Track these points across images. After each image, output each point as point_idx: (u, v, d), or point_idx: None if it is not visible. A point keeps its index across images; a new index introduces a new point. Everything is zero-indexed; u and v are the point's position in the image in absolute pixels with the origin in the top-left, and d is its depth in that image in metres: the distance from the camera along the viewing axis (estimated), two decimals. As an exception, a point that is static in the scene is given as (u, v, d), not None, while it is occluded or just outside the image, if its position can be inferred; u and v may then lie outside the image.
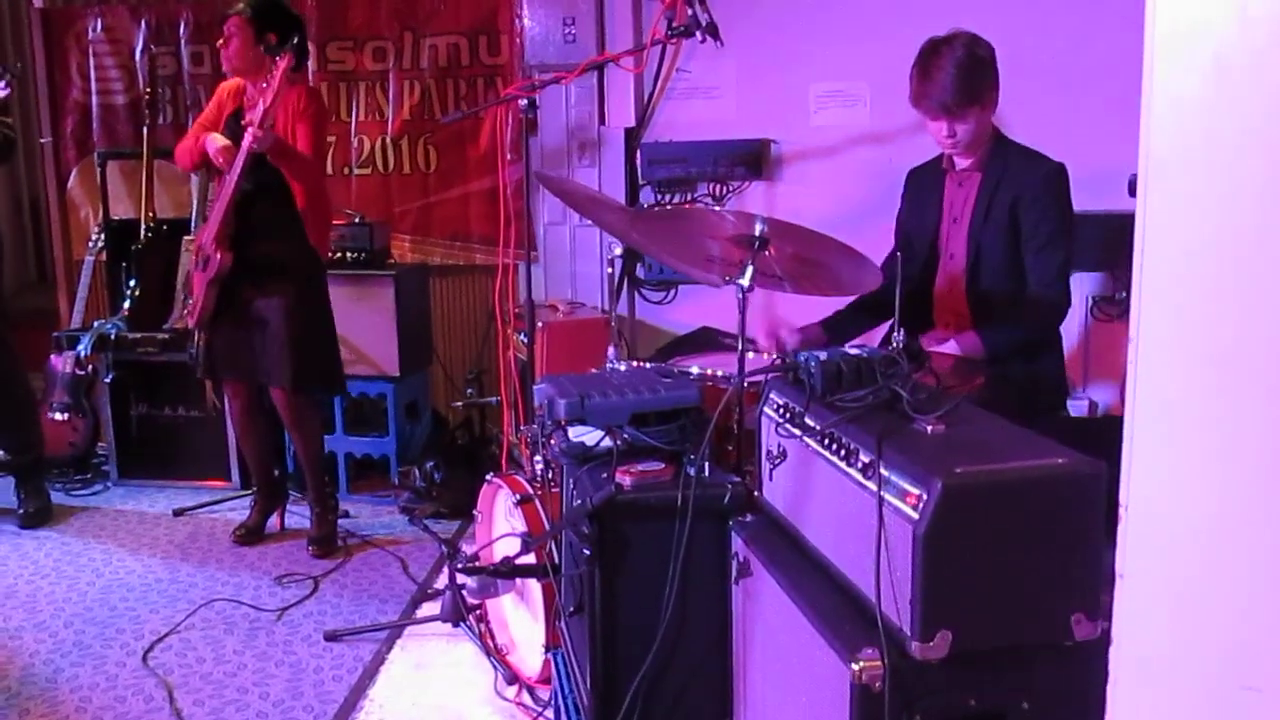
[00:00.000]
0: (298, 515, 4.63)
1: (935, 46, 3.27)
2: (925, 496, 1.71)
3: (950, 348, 3.31)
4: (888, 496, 1.81)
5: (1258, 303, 1.33)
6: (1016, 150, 3.37)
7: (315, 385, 4.37)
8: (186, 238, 4.44)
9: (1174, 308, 1.44)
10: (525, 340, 4.13)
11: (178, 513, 4.84)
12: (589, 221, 4.08)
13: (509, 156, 5.02)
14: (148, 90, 5.49)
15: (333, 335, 4.40)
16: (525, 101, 3.81)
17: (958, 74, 3.20)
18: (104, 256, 5.48)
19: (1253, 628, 1.33)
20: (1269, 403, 1.31)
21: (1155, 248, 1.44)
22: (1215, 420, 1.39)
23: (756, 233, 2.67)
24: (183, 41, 5.55)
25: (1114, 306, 4.57)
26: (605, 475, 2.50)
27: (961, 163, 3.42)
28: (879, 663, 1.77)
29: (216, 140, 4.08)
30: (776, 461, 2.30)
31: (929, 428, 1.93)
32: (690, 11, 3.66)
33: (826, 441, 2.05)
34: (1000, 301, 3.36)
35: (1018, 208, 3.29)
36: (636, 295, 5.19)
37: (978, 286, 3.38)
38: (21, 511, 4.74)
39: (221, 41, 4.13)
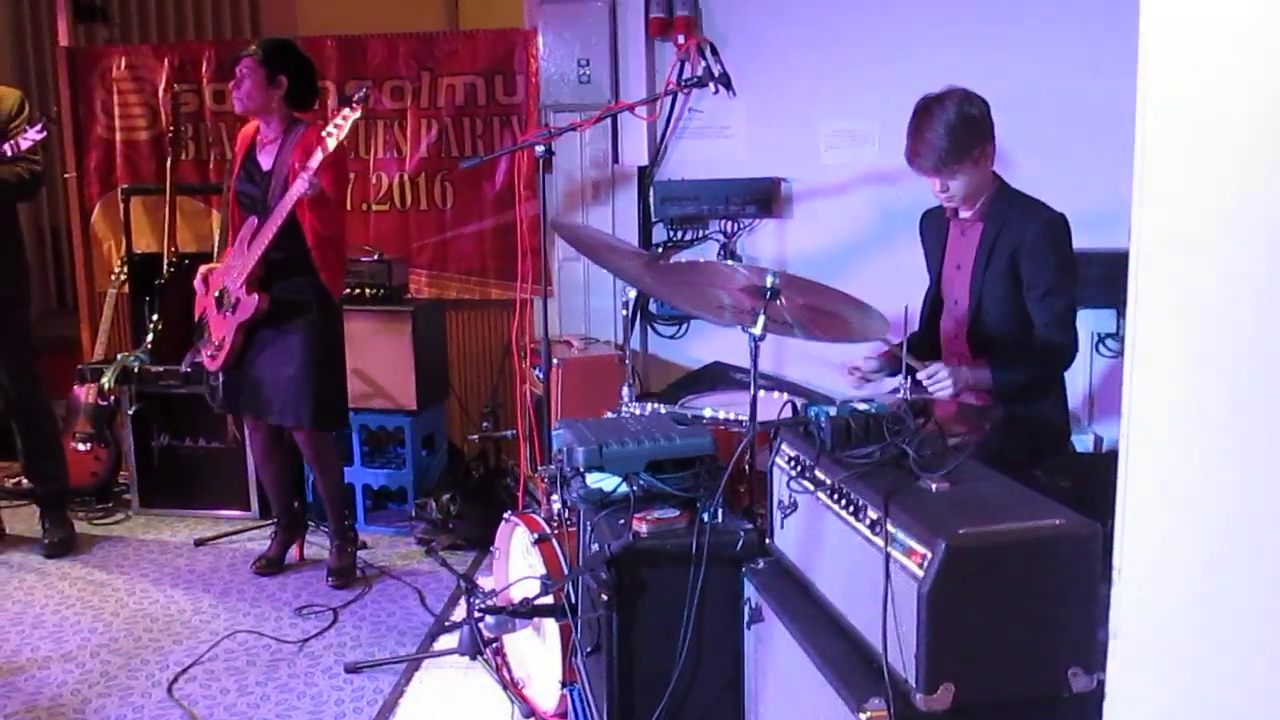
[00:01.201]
0: (317, 545, 4.73)
1: (927, 106, 3.35)
2: (930, 555, 1.80)
3: (964, 373, 3.36)
4: (894, 553, 1.90)
5: (1249, 373, 1.41)
6: (1018, 199, 3.45)
7: (332, 424, 4.45)
8: (203, 267, 4.51)
9: (1165, 374, 1.52)
10: (541, 376, 4.23)
11: (199, 542, 4.94)
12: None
13: (524, 194, 5.14)
14: (170, 127, 5.61)
15: (344, 373, 4.47)
16: (541, 148, 3.91)
17: (947, 134, 3.27)
18: (126, 289, 5.59)
19: (1242, 686, 1.41)
20: (1260, 469, 1.38)
21: (1146, 333, 1.52)
22: (1207, 484, 1.46)
23: (768, 285, 2.77)
24: (205, 80, 5.66)
25: (1119, 343, 4.65)
26: (622, 522, 2.60)
27: (964, 212, 3.50)
28: (885, 712, 1.85)
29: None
30: (787, 511, 2.39)
31: (934, 485, 2.02)
32: (703, 62, 3.76)
33: (836, 496, 2.14)
34: (1004, 347, 3.44)
35: (1018, 257, 3.37)
36: (649, 330, 5.28)
37: (979, 332, 3.47)
38: (46, 541, 4.84)
39: (233, 83, 4.21)
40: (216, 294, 4.34)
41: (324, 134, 3.92)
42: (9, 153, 4.29)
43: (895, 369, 3.64)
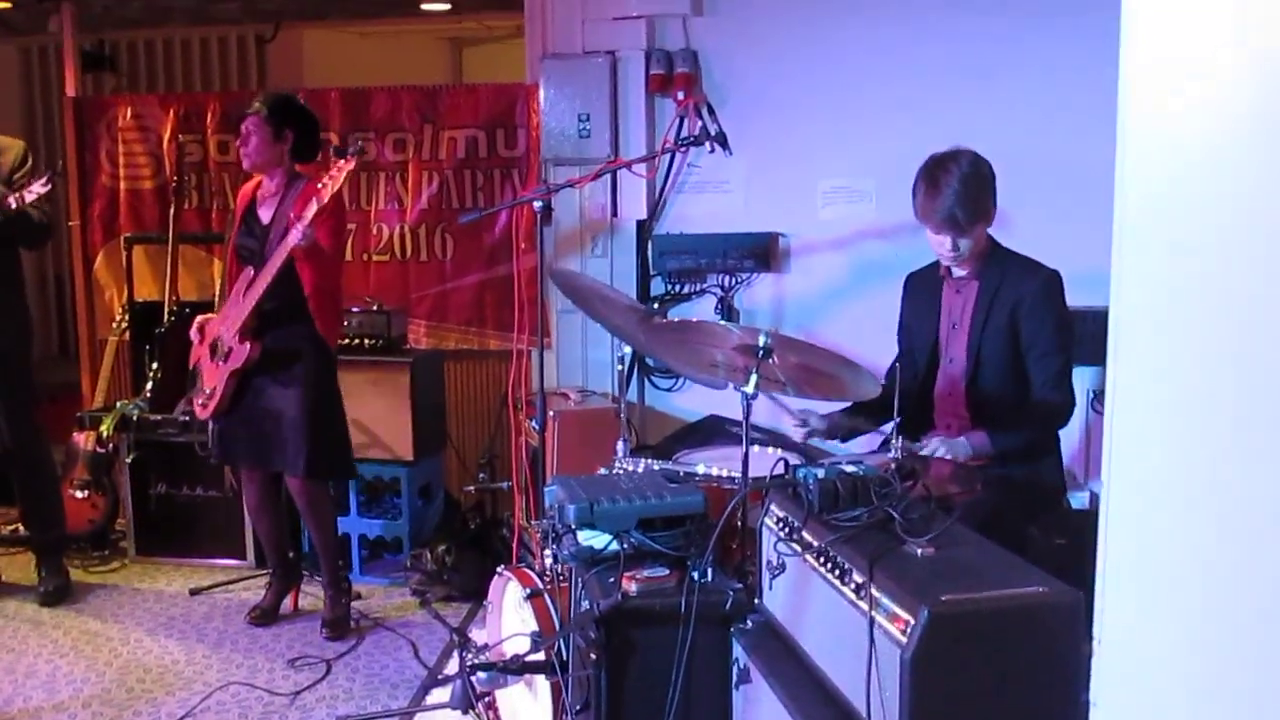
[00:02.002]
0: (312, 595, 4.72)
1: (941, 161, 3.37)
2: (913, 622, 1.81)
3: (960, 444, 3.38)
4: (878, 618, 1.91)
5: (1228, 442, 1.42)
6: (1011, 257, 3.48)
7: (329, 473, 4.47)
8: (199, 317, 4.54)
9: (1144, 443, 1.54)
10: (537, 428, 4.24)
11: (194, 592, 4.93)
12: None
13: (523, 246, 5.18)
14: (174, 177, 5.67)
15: (343, 422, 4.49)
16: (540, 203, 3.95)
17: (964, 190, 3.30)
18: (128, 337, 5.62)
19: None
20: (1238, 539, 1.39)
21: (1124, 398, 1.53)
22: (1187, 554, 1.48)
23: (761, 344, 2.79)
24: (209, 130, 5.72)
25: (1114, 401, 4.66)
26: (612, 580, 2.60)
27: (959, 271, 3.52)
28: (869, 778, 1.86)
29: None
30: (776, 572, 2.40)
31: (919, 550, 2.03)
32: (700, 121, 3.81)
33: (822, 559, 2.15)
34: (1002, 404, 3.45)
35: (1017, 315, 3.40)
36: (646, 382, 5.30)
37: (979, 390, 3.48)
38: (42, 589, 4.83)
39: (240, 141, 4.26)
40: (211, 343, 4.37)
41: (319, 185, 3.96)
42: (14, 205, 4.33)
43: (844, 435, 3.68)
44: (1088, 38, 4.59)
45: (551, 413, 4.46)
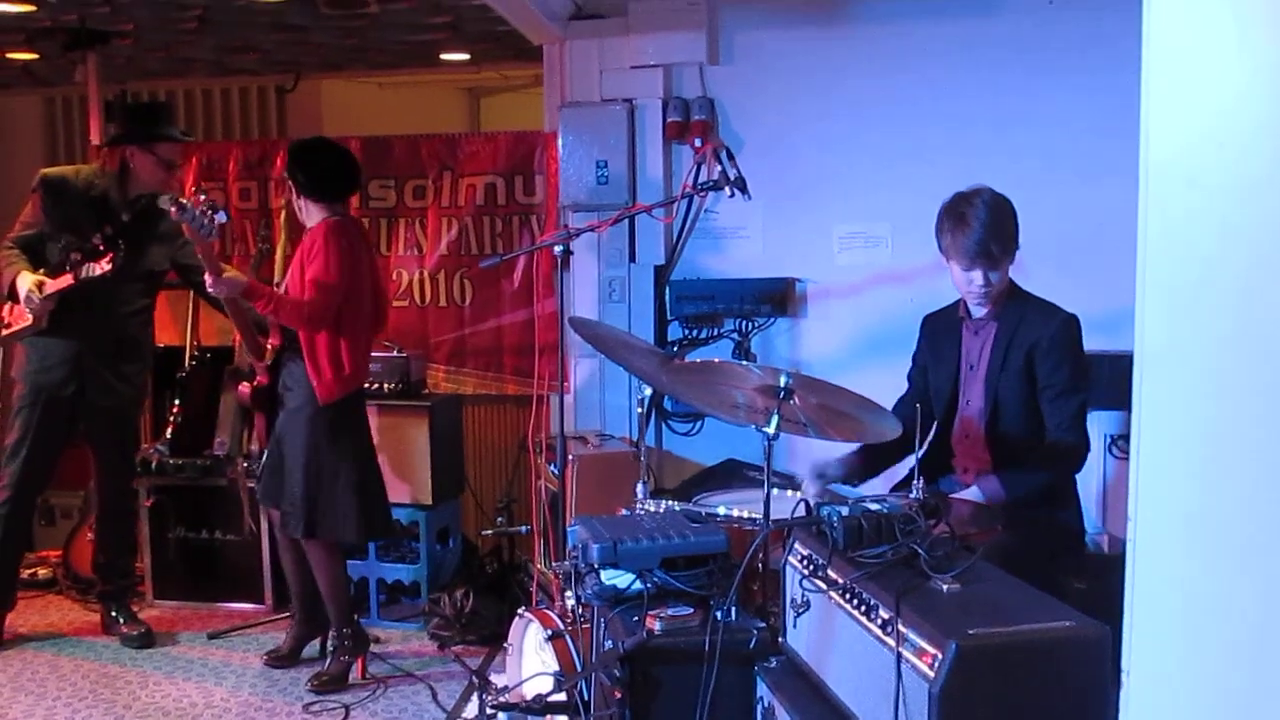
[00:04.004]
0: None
1: (965, 197, 3.41)
2: (940, 656, 1.82)
3: (972, 494, 3.40)
4: (905, 654, 1.91)
5: (1256, 477, 1.44)
6: (1030, 300, 3.50)
7: (318, 533, 4.29)
8: (229, 367, 4.61)
9: (1172, 478, 1.55)
10: (556, 472, 4.25)
11: (212, 635, 4.94)
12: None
13: (542, 291, 5.23)
14: (196, 222, 5.72)
15: (350, 482, 4.29)
16: (560, 247, 3.99)
17: (992, 220, 3.33)
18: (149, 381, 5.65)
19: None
20: (1269, 572, 1.40)
21: (1151, 437, 1.55)
22: (1216, 587, 1.49)
23: (782, 384, 2.81)
24: (231, 177, 5.79)
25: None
26: (636, 619, 2.61)
27: (978, 311, 3.54)
28: (897, 815, 1.86)
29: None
30: (800, 610, 2.41)
31: (945, 586, 2.05)
32: (720, 166, 3.85)
33: (848, 596, 2.16)
34: (1020, 446, 3.46)
35: (1033, 357, 3.41)
36: (664, 427, 5.31)
37: (997, 432, 3.49)
38: (130, 633, 4.87)
39: None
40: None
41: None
42: (74, 280, 4.47)
43: (862, 474, 3.67)
44: (1100, 87, 4.65)
45: (571, 456, 4.47)
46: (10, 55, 6.36)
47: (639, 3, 5.08)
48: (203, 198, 3.91)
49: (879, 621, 2.03)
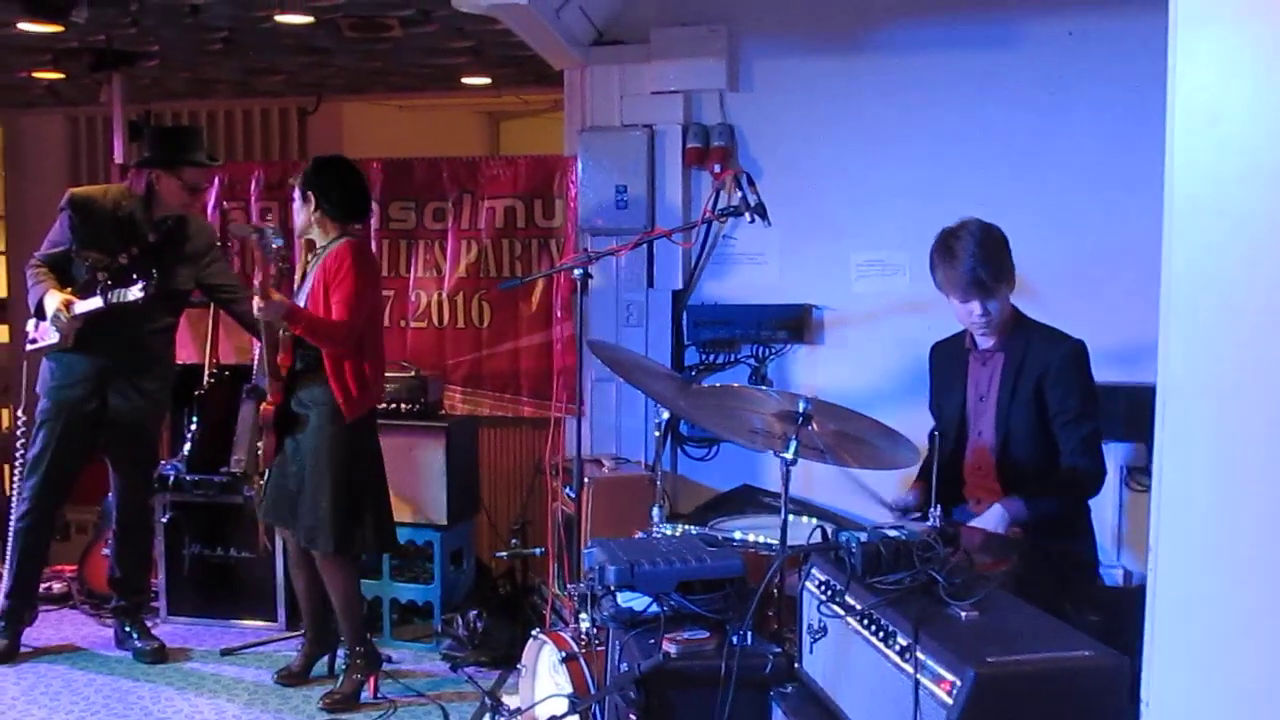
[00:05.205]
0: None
1: (952, 231, 3.46)
2: (959, 683, 1.83)
3: (994, 513, 3.37)
4: (923, 680, 1.92)
5: (1272, 514, 1.44)
6: (1036, 328, 3.52)
7: (336, 546, 4.30)
8: (247, 385, 4.63)
9: (1193, 509, 1.56)
10: (572, 495, 4.26)
11: (225, 652, 4.94)
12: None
13: (560, 315, 5.24)
14: (219, 242, 5.76)
15: (365, 495, 4.35)
16: (580, 270, 4.01)
17: (981, 251, 3.36)
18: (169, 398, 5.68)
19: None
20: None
21: (1173, 467, 1.56)
22: (1236, 618, 1.49)
23: (800, 410, 2.82)
24: (253, 197, 5.84)
25: (1148, 477, 4.65)
26: (652, 641, 2.62)
27: (985, 342, 3.55)
28: (914, 842, 1.86)
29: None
30: (817, 636, 2.41)
31: (963, 613, 2.05)
32: (740, 192, 3.87)
33: (866, 622, 2.17)
34: (1031, 475, 3.46)
35: (1043, 385, 3.43)
36: (679, 451, 5.32)
37: (1009, 462, 3.49)
38: (144, 647, 4.88)
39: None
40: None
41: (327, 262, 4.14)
42: (104, 305, 4.50)
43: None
44: (1119, 118, 4.67)
45: (586, 479, 4.48)
46: (37, 75, 6.43)
47: (660, 30, 5.12)
48: (270, 221, 3.99)
49: (897, 648, 2.03)
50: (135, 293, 4.41)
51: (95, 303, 4.51)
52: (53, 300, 4.58)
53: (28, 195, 7.70)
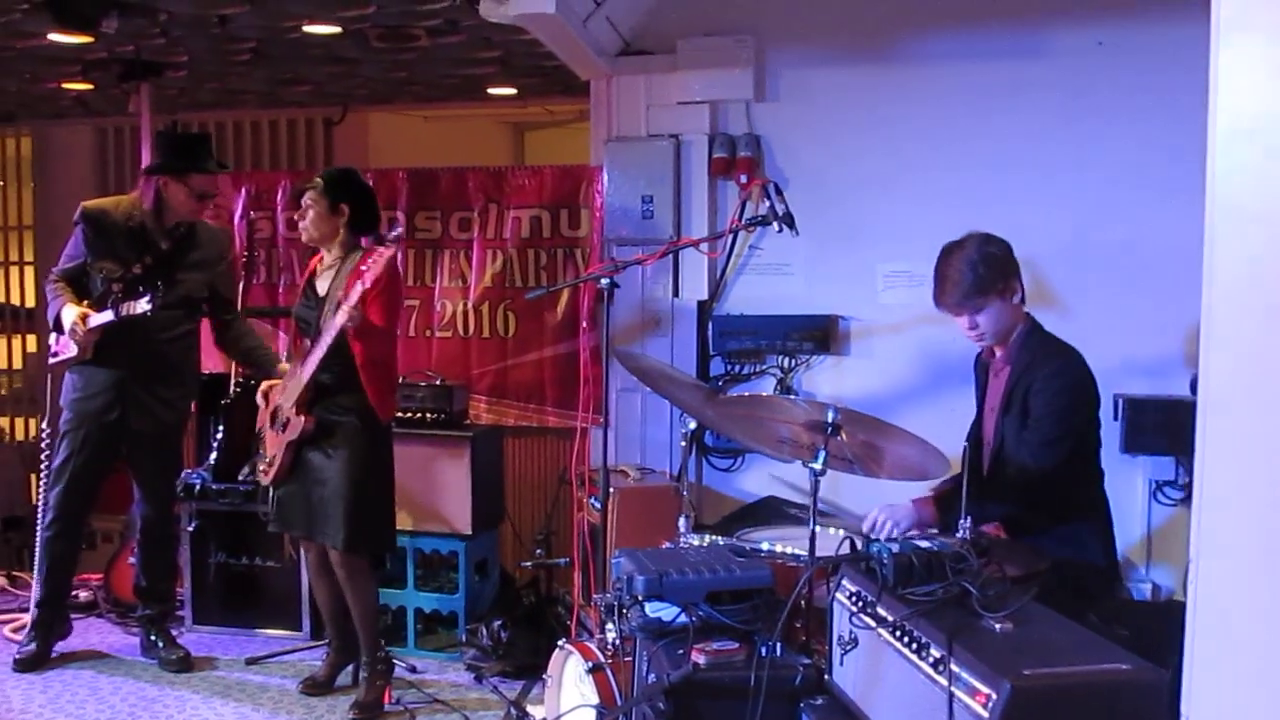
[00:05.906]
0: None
1: (950, 249, 3.52)
2: (995, 696, 1.81)
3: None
4: (958, 693, 1.90)
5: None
6: (1044, 343, 3.51)
7: (367, 547, 4.39)
8: (265, 383, 4.63)
9: (1233, 523, 1.54)
10: (597, 505, 4.25)
11: (250, 661, 4.95)
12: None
13: (585, 325, 5.24)
14: (245, 252, 5.80)
15: (389, 497, 4.46)
16: (606, 280, 4.00)
17: (969, 271, 3.41)
18: (193, 408, 5.70)
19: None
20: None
21: (1214, 482, 1.54)
22: (1278, 633, 1.47)
23: (829, 420, 2.81)
24: (278, 207, 5.86)
25: (1178, 491, 4.62)
26: (681, 652, 2.60)
27: (997, 354, 3.58)
28: None
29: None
30: (848, 648, 2.40)
31: (998, 626, 2.03)
32: (768, 202, 3.87)
33: (898, 633, 2.15)
34: (1021, 485, 3.43)
35: (1028, 396, 3.43)
36: (704, 462, 5.30)
37: (1000, 473, 3.50)
38: (170, 656, 4.90)
39: (299, 215, 4.39)
40: (272, 411, 4.44)
41: (362, 268, 4.05)
42: (115, 317, 4.52)
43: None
44: (1150, 130, 4.63)
45: (612, 489, 4.48)
46: (66, 86, 6.47)
47: (687, 40, 5.11)
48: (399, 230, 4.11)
49: (930, 660, 2.01)
50: (143, 305, 4.42)
51: (107, 315, 4.54)
52: (69, 314, 4.62)
53: (56, 206, 7.73)
